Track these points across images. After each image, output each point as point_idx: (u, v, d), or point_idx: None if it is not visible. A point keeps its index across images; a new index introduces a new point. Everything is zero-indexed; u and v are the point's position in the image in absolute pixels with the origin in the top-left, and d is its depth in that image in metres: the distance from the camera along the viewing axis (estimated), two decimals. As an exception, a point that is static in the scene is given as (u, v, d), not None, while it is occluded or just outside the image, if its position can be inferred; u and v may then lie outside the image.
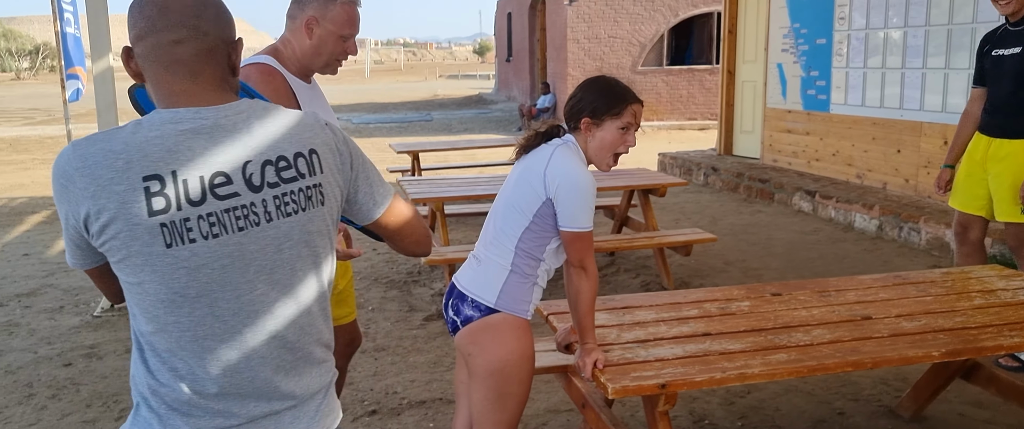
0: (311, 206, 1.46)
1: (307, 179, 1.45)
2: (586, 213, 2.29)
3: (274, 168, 1.41)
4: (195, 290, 1.37)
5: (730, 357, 2.44)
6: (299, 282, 1.46)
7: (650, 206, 5.85)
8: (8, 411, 3.68)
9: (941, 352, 2.49)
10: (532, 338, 2.38)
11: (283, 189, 1.42)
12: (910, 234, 6.37)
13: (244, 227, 1.39)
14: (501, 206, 2.39)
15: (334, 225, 1.53)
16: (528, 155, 2.39)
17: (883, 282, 3.17)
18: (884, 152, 7.39)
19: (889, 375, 3.88)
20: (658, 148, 12.62)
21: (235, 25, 1.47)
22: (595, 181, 2.33)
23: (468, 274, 2.39)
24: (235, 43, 1.46)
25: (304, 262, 1.47)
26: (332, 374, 1.56)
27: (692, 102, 16.91)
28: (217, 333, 1.39)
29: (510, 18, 23.35)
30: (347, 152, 1.55)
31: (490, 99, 26.05)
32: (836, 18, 7.90)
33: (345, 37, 2.56)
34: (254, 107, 1.45)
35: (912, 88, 6.99)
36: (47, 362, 4.24)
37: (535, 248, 2.33)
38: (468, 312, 2.33)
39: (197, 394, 1.40)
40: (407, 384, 3.92)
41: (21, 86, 38.91)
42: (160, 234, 1.33)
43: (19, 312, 5.09)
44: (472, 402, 2.38)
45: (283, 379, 1.46)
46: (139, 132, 1.35)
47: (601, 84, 2.44)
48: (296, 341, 1.47)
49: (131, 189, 1.31)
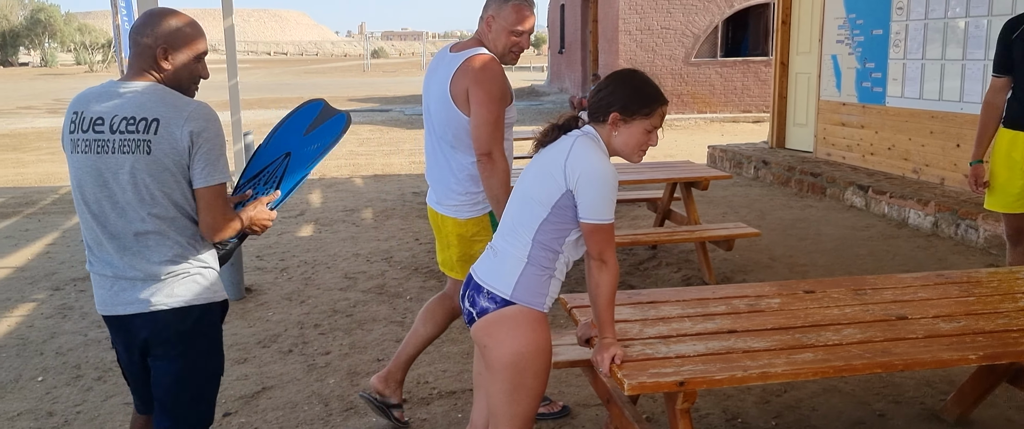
0: (139, 152, 2.21)
1: (142, 135, 2.21)
2: (607, 205, 2.26)
3: (127, 122, 2.22)
4: (77, 187, 2.30)
5: (753, 355, 2.38)
6: (122, 197, 2.25)
7: (692, 199, 5.76)
8: (57, 391, 3.82)
9: (978, 355, 2.40)
10: (548, 331, 2.35)
11: (126, 136, 2.21)
12: (967, 231, 6.15)
13: (100, 152, 2.24)
14: (518, 198, 2.37)
15: (162, 170, 2.22)
16: (547, 148, 2.37)
17: (923, 281, 3.06)
18: (943, 146, 7.14)
19: (934, 377, 3.75)
20: (709, 141, 12.43)
21: (166, 36, 2.27)
22: (617, 173, 2.30)
23: (485, 265, 2.38)
24: (160, 49, 2.27)
25: (126, 185, 2.24)
26: (165, 265, 2.30)
27: (747, 94, 16.60)
28: (85, 217, 2.32)
29: (563, 10, 23.24)
30: (195, 131, 2.22)
31: (542, 91, 26.00)
32: (894, 8, 7.65)
33: (516, 33, 3.05)
34: (148, 89, 2.26)
35: (973, 81, 6.74)
36: (95, 345, 4.38)
37: (553, 240, 2.31)
38: (484, 304, 2.32)
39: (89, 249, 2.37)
40: (438, 374, 3.94)
41: (94, 78, 40.22)
42: (69, 145, 2.30)
43: (74, 296, 5.27)
44: (488, 394, 2.38)
45: (119, 257, 2.30)
46: (93, 86, 2.34)
47: (635, 81, 2.38)
48: (122, 233, 2.27)
49: (67, 117, 2.32)
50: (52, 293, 5.35)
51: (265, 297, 5.19)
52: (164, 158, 2.21)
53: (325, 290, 5.33)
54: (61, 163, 11.69)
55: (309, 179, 9.96)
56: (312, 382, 3.88)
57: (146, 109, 2.22)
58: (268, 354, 4.23)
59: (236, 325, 4.67)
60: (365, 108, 21.30)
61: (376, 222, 7.39)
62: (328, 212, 7.93)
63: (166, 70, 2.29)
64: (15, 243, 6.79)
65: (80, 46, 56.26)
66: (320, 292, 5.29)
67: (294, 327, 4.63)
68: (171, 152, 2.21)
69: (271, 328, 4.62)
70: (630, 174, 5.84)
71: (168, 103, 2.23)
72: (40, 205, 8.49)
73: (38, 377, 3.98)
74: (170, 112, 2.22)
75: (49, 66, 55.51)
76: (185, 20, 2.33)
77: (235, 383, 3.87)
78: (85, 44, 55.80)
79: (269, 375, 3.96)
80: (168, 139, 2.20)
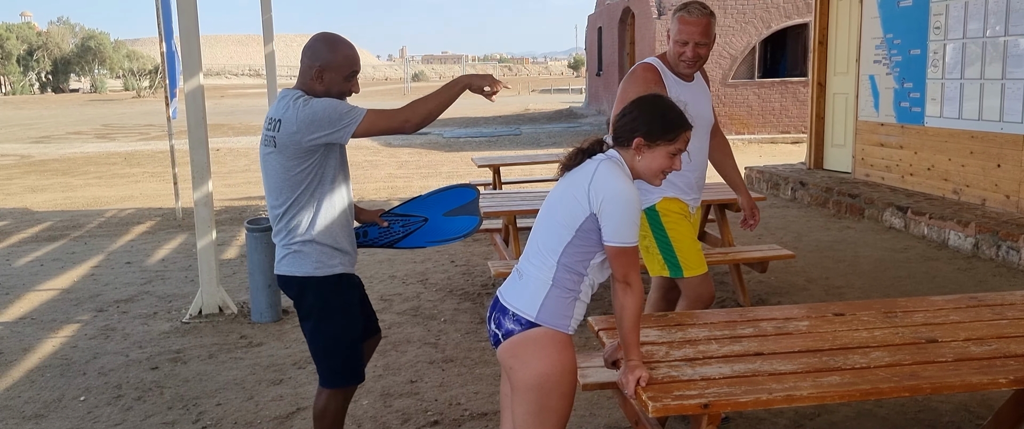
0: (272, 147, 2.75)
1: (272, 132, 2.74)
2: (631, 228, 2.29)
3: (271, 122, 2.76)
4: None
5: (779, 378, 2.38)
6: (271, 184, 2.80)
7: (726, 221, 5.74)
8: (98, 411, 3.93)
9: (1009, 379, 2.37)
10: (573, 353, 2.38)
11: (269, 133, 2.76)
12: (1009, 253, 6.03)
13: (264, 146, 2.79)
14: (543, 221, 2.41)
15: (289, 158, 2.72)
16: (572, 171, 2.41)
17: (956, 304, 3.02)
18: (983, 166, 7.02)
19: (972, 402, 3.68)
20: (747, 162, 12.34)
21: (323, 57, 2.74)
22: (641, 196, 2.33)
23: (510, 288, 2.42)
24: (317, 67, 2.75)
25: (273, 173, 2.78)
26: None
27: (784, 115, 16.47)
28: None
29: (601, 32, 23.33)
30: (300, 120, 2.69)
31: (580, 113, 26.05)
32: (931, 28, 7.58)
33: (682, 43, 3.38)
34: (287, 93, 2.78)
35: (1014, 99, 6.63)
36: (136, 365, 4.50)
37: (577, 263, 2.34)
38: (509, 326, 2.36)
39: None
40: (471, 396, 3.97)
41: (141, 103, 41.32)
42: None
43: (116, 317, 5.42)
44: (514, 416, 2.40)
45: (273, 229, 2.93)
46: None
47: (660, 107, 2.42)
48: (269, 207, 2.86)
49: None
50: (96, 314, 5.50)
51: (301, 318, 5.27)
52: (288, 151, 2.72)
53: (360, 312, 5.39)
54: (108, 187, 12.03)
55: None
56: (345, 403, 3.93)
57: (278, 110, 2.75)
58: (303, 375, 4.30)
59: (272, 346, 4.75)
60: (403, 131, 21.51)
61: (411, 244, 7.46)
62: (365, 234, 8.02)
63: (318, 90, 2.76)
64: (62, 265, 6.99)
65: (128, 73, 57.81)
66: (355, 314, 5.35)
67: (329, 348, 4.70)
68: (294, 142, 2.73)
69: (306, 349, 4.68)
70: (663, 196, 5.84)
71: (283, 104, 2.76)
72: (86, 228, 8.74)
73: (80, 397, 4.10)
74: (286, 111, 2.75)
75: (99, 92, 57.11)
76: (338, 47, 2.76)
77: (270, 404, 3.94)
78: (133, 70, 57.34)
79: (304, 396, 4.02)
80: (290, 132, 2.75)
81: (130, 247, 7.68)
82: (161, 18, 8.46)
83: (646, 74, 3.43)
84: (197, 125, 5.16)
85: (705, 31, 3.38)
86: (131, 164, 15.18)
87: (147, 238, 8.10)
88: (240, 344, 4.81)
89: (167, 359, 4.57)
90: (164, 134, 21.21)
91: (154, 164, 15.00)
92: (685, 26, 3.36)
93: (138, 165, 14.97)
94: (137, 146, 18.82)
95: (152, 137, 21.18)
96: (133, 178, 13.11)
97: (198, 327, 5.12)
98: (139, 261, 7.07)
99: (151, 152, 17.23)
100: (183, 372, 4.38)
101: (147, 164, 15.09)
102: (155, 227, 8.68)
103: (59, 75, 61.27)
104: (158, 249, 7.55)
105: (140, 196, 11.08)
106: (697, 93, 3.48)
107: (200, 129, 5.17)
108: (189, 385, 4.20)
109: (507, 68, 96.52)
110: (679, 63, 3.44)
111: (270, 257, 5.14)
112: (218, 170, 13.34)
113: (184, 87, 5.14)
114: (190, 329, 5.09)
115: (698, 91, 3.51)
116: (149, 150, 17.68)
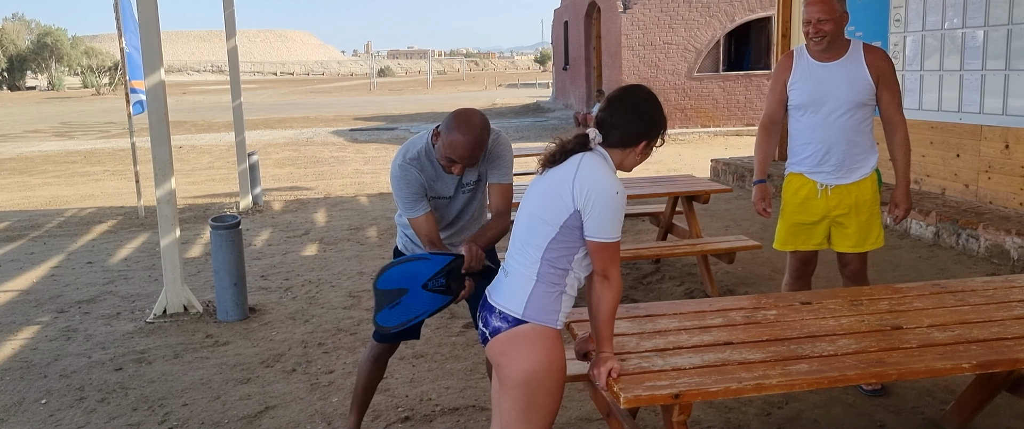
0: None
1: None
2: (615, 223, 2.27)
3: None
4: None
5: (749, 367, 2.40)
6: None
7: (694, 213, 5.78)
8: (60, 413, 3.85)
9: (972, 364, 2.41)
10: (562, 349, 2.36)
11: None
12: (968, 241, 6.15)
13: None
14: (525, 217, 2.38)
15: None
16: (554, 168, 2.35)
17: (919, 291, 3.07)
18: (942, 157, 7.15)
19: (934, 387, 3.75)
20: (713, 154, 12.46)
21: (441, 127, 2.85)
22: (626, 190, 2.31)
23: (497, 286, 2.41)
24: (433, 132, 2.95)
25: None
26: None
27: (749, 107, 16.63)
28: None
29: (567, 26, 23.36)
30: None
31: (547, 107, 26.09)
32: (891, 20, 7.69)
33: (806, 22, 3.56)
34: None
35: (971, 91, 6.76)
36: (99, 367, 4.41)
37: (561, 258, 2.32)
38: (496, 323, 2.34)
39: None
40: (442, 391, 3.96)
41: (101, 101, 40.57)
42: None
43: (78, 318, 5.31)
44: (502, 412, 2.39)
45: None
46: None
47: (657, 111, 2.38)
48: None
49: None
50: (56, 316, 5.39)
51: (269, 316, 5.22)
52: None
53: (329, 309, 5.35)
54: (67, 186, 11.79)
55: (314, 198, 10.02)
56: (315, 401, 3.90)
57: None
58: (271, 373, 4.25)
59: (239, 345, 4.69)
60: (371, 127, 21.40)
61: (381, 240, 7.42)
62: (333, 231, 7.97)
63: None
64: (20, 266, 6.84)
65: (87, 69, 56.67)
66: (324, 311, 5.31)
67: (298, 346, 4.66)
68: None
69: (275, 347, 4.64)
70: (633, 189, 5.86)
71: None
72: (45, 228, 8.56)
73: (42, 400, 4.01)
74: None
75: (56, 90, 55.95)
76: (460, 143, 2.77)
77: (238, 403, 3.89)
78: (92, 67, 56.22)
79: (272, 394, 3.98)
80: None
81: (91, 247, 7.54)
82: (120, 13, 8.31)
83: (781, 61, 3.78)
84: (159, 121, 5.07)
85: (824, 8, 3.52)
86: (91, 162, 14.89)
87: (108, 237, 7.95)
88: (206, 343, 4.74)
89: (131, 360, 4.49)
90: (125, 132, 20.86)
91: (115, 162, 14.73)
92: (807, 7, 3.56)
93: (98, 163, 14.69)
94: (97, 144, 18.47)
95: (112, 135, 20.80)
96: (93, 177, 12.87)
97: (163, 327, 5.04)
98: (101, 261, 6.94)
99: (111, 150, 16.92)
100: (148, 373, 4.30)
101: (108, 162, 14.81)
102: (117, 226, 8.52)
103: (15, 72, 59.83)
104: (120, 248, 7.41)
105: (101, 195, 10.88)
106: (834, 75, 3.60)
107: (162, 125, 5.08)
108: (154, 386, 4.13)
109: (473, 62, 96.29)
110: (809, 42, 3.60)
111: (236, 255, 5.07)
112: (181, 168, 13.13)
113: (145, 82, 5.04)
114: (154, 329, 5.01)
115: (837, 73, 3.60)
116: (109, 148, 17.36)
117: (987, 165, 6.66)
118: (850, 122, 3.62)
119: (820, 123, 3.64)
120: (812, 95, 3.63)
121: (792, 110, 3.74)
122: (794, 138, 3.79)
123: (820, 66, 3.63)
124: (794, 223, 3.84)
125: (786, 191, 3.86)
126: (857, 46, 3.62)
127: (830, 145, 3.64)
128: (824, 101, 3.61)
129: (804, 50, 3.71)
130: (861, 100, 3.60)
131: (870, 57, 3.61)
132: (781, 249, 3.95)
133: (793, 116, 3.76)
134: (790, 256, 3.96)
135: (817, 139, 3.65)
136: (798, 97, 3.67)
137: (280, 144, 17.23)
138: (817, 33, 3.55)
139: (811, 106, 3.64)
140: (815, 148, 3.67)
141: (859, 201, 3.69)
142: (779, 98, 3.77)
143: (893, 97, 3.65)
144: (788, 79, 3.72)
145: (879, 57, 3.63)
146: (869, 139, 3.69)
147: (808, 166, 3.73)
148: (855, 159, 3.66)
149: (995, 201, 6.59)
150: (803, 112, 3.69)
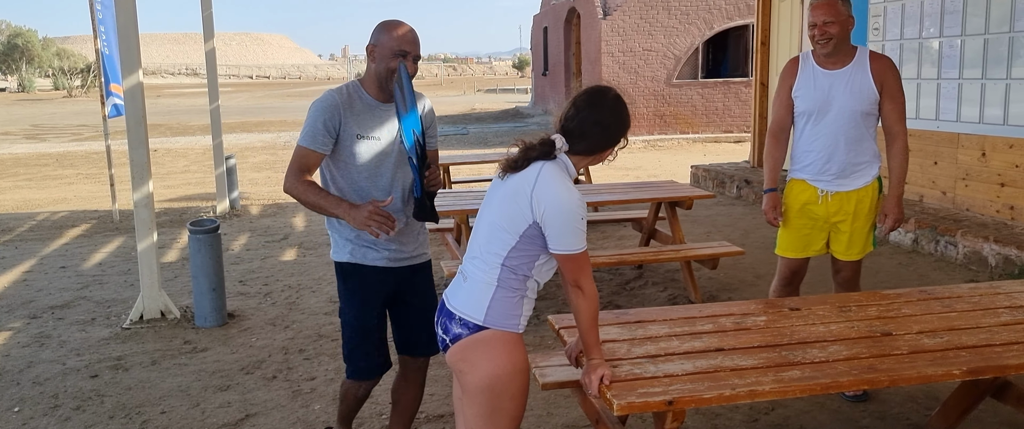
0: None
1: None
2: (576, 235, 2.23)
3: None
4: None
5: (741, 373, 2.38)
6: None
7: (677, 219, 5.78)
8: (34, 422, 3.75)
9: (962, 370, 2.41)
10: (524, 352, 2.34)
11: None
12: (947, 248, 6.21)
13: None
14: (485, 223, 2.35)
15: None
16: (516, 175, 2.30)
17: (907, 297, 3.08)
18: (920, 164, 7.22)
19: (919, 393, 3.76)
20: (692, 160, 12.51)
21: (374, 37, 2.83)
22: (584, 199, 2.28)
23: (455, 291, 2.37)
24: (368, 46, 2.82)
25: None
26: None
27: (728, 114, 16.74)
28: None
29: (546, 32, 23.40)
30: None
31: (527, 112, 26.09)
32: (870, 29, 7.76)
33: (812, 25, 3.55)
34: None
35: (948, 99, 6.83)
36: (74, 373, 4.31)
37: (522, 265, 2.30)
38: (457, 330, 2.31)
39: None
40: (426, 398, 3.90)
41: (73, 103, 39.97)
42: None
43: (51, 324, 5.20)
44: (466, 419, 2.36)
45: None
46: None
47: (624, 114, 2.34)
48: None
49: None
50: (29, 321, 5.27)
51: (248, 323, 5.14)
52: None
53: (310, 314, 5.28)
54: (39, 189, 11.59)
55: (292, 202, 9.92)
56: (297, 408, 3.83)
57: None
58: (252, 380, 4.18)
59: (218, 351, 4.61)
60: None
61: (360, 245, 7.35)
62: (312, 235, 7.89)
63: (369, 68, 2.81)
64: (-7, 271, 6.70)
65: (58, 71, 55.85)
66: (305, 317, 5.24)
67: (278, 353, 4.59)
68: None
69: (255, 354, 4.57)
70: (615, 194, 5.86)
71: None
72: (16, 232, 8.39)
73: (14, 408, 3.91)
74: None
75: (27, 91, 55.09)
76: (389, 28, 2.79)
77: (217, 411, 3.82)
78: (63, 69, 55.41)
79: (253, 402, 3.91)
80: None
81: (65, 251, 7.40)
82: (94, 14, 8.18)
83: (786, 67, 3.76)
84: (136, 124, 4.99)
85: (829, 10, 3.50)
86: (63, 165, 14.65)
87: (82, 241, 7.80)
88: (184, 350, 4.65)
89: (107, 367, 4.40)
90: (98, 134, 20.56)
91: (88, 165, 14.51)
92: (813, 10, 3.55)
93: (71, 166, 14.46)
94: (70, 147, 18.18)
95: (86, 137, 20.48)
96: (66, 180, 12.65)
97: (139, 333, 4.95)
98: (74, 265, 6.81)
99: (85, 153, 16.66)
100: (125, 380, 4.21)
101: (81, 165, 14.58)
102: (91, 230, 8.37)
103: (-16, 74, 58.92)
104: (94, 253, 7.28)
105: (74, 198, 10.70)
106: (840, 82, 3.58)
107: (140, 128, 4.99)
108: (131, 393, 4.04)
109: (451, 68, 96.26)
110: (816, 46, 3.59)
111: (214, 259, 4.99)
112: (156, 172, 12.96)
113: (122, 84, 4.96)
114: (131, 335, 4.91)
115: (842, 81, 3.58)
116: (83, 151, 17.10)
117: (965, 173, 6.73)
118: (853, 130, 3.60)
119: (823, 131, 3.62)
120: (816, 102, 3.61)
121: (796, 116, 3.73)
122: (797, 144, 3.76)
123: (825, 73, 3.61)
124: (796, 229, 3.82)
125: (788, 197, 3.84)
126: (863, 53, 3.60)
127: (832, 152, 3.63)
128: (828, 109, 3.59)
129: (809, 56, 3.69)
130: (865, 109, 3.59)
131: (875, 65, 3.58)
132: (782, 255, 3.91)
133: (796, 123, 3.74)
134: (781, 262, 3.95)
135: (819, 146, 3.64)
136: (802, 104, 3.67)
137: (257, 147, 17.07)
138: (823, 36, 3.53)
139: (815, 113, 3.62)
140: (817, 155, 3.65)
141: (859, 208, 3.68)
142: (786, 104, 3.74)
143: (896, 107, 3.61)
144: (793, 85, 3.70)
145: (885, 66, 3.60)
146: (872, 147, 3.67)
147: (810, 173, 3.71)
148: (857, 167, 3.65)
149: (972, 208, 6.65)
150: (807, 119, 3.67)
